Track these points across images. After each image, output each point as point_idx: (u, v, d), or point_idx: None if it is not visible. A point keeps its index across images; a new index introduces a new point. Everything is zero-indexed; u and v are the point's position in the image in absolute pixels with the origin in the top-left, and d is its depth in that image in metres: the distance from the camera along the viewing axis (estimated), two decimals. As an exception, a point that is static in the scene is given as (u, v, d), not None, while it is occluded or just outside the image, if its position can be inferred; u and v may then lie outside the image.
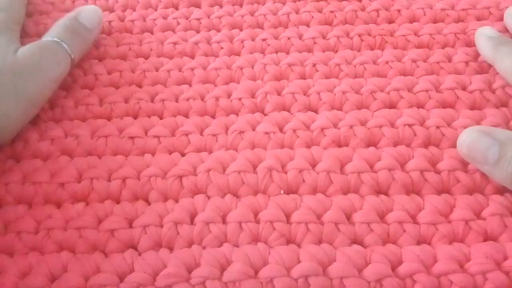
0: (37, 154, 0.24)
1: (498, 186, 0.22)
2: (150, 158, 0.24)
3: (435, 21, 0.30)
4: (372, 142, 0.24)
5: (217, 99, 0.26)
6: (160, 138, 0.25)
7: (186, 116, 0.26)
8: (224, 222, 0.21)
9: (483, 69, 0.27)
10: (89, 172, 0.23)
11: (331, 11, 0.31)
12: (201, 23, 0.31)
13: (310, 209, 0.21)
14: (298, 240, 0.21)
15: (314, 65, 0.28)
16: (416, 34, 0.29)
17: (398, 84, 0.26)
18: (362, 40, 0.29)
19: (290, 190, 0.23)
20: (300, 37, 0.30)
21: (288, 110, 0.26)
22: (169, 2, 0.32)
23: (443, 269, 0.20)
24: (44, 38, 0.27)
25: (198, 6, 0.33)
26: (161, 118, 0.26)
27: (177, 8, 0.32)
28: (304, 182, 0.23)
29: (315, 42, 0.29)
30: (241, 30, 0.31)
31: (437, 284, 0.19)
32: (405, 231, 0.21)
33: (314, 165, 0.23)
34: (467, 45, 0.29)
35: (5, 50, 0.25)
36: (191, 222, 0.21)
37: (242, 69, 0.28)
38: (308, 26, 0.31)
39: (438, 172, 0.23)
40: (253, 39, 0.30)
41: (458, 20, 0.30)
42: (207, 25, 0.31)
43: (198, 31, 0.31)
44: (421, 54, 0.28)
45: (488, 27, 0.28)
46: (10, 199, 0.22)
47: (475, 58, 0.28)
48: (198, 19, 0.31)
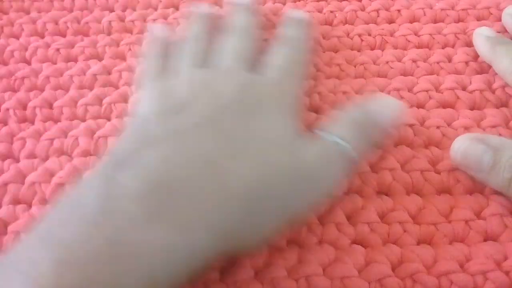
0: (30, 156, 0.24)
1: (498, 186, 0.22)
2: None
3: (435, 21, 0.30)
4: (372, 142, 0.24)
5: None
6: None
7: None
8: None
9: (483, 69, 0.27)
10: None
11: (331, 11, 0.31)
12: (201, 23, 0.31)
13: (310, 209, 0.21)
14: (299, 240, 0.21)
15: (315, 65, 0.28)
16: (416, 34, 0.29)
17: (398, 84, 0.26)
18: (362, 40, 0.29)
19: (290, 190, 0.23)
20: (300, 37, 0.30)
21: (288, 110, 0.26)
22: (169, 2, 0.32)
23: (443, 269, 0.20)
24: (326, 134, 0.21)
25: (198, 6, 0.33)
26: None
27: (177, 8, 0.32)
28: (304, 182, 0.23)
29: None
30: (241, 30, 0.31)
31: (437, 284, 0.19)
32: (405, 231, 0.21)
33: (314, 165, 0.23)
34: (467, 45, 0.29)
35: (294, 142, 0.20)
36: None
37: (242, 69, 0.28)
38: (308, 26, 0.31)
39: (438, 172, 0.23)
40: (253, 39, 0.30)
41: (458, 20, 0.30)
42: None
43: (198, 31, 0.31)
44: (421, 54, 0.28)
45: (486, 27, 0.28)
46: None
47: (475, 58, 0.28)
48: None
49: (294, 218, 0.20)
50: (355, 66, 0.28)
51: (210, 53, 0.24)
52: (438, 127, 0.24)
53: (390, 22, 0.31)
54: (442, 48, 0.29)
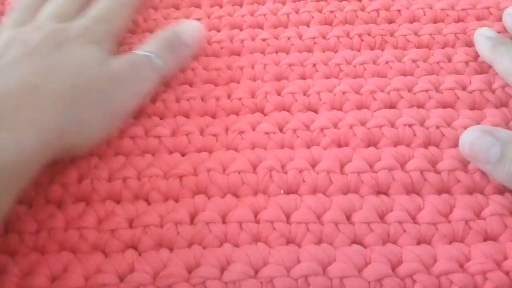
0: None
1: (498, 186, 0.22)
2: (150, 158, 0.24)
3: (435, 21, 0.30)
4: (372, 142, 0.24)
5: (217, 99, 0.26)
6: (160, 138, 0.25)
7: (187, 116, 0.26)
8: (224, 222, 0.21)
9: (483, 69, 0.27)
10: (89, 172, 0.23)
11: (331, 11, 0.31)
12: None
13: (310, 209, 0.22)
14: (298, 240, 0.21)
15: (314, 65, 0.28)
16: (416, 34, 0.29)
17: (398, 84, 0.26)
18: (362, 40, 0.29)
19: (290, 190, 0.23)
20: (300, 37, 0.30)
21: (288, 110, 0.26)
22: (169, 2, 0.32)
23: (443, 269, 0.20)
24: (139, 51, 0.26)
25: (198, 7, 0.33)
26: (161, 118, 0.26)
27: (177, 8, 0.32)
28: (304, 182, 0.23)
29: (315, 42, 0.29)
30: (241, 30, 0.31)
31: (437, 284, 0.19)
32: (405, 231, 0.21)
33: (314, 165, 0.23)
34: (467, 45, 0.29)
35: (101, 60, 0.25)
36: (191, 222, 0.21)
37: (242, 69, 0.28)
38: (308, 26, 0.31)
39: (438, 172, 0.23)
40: (253, 39, 0.30)
41: (458, 20, 0.30)
42: (207, 25, 0.31)
43: (198, 31, 0.31)
44: (421, 54, 0.28)
45: (487, 28, 0.28)
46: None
47: (475, 58, 0.28)
48: (198, 19, 0.31)
49: (115, 116, 0.24)
50: (355, 66, 0.28)
51: (35, 15, 0.28)
52: (438, 127, 0.24)
53: (390, 22, 0.31)
54: (442, 48, 0.29)
